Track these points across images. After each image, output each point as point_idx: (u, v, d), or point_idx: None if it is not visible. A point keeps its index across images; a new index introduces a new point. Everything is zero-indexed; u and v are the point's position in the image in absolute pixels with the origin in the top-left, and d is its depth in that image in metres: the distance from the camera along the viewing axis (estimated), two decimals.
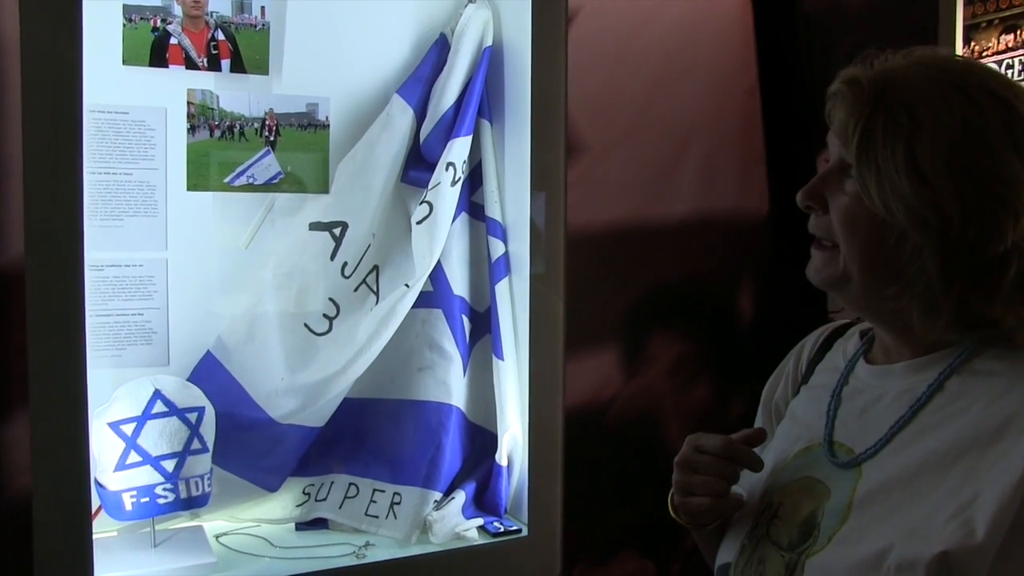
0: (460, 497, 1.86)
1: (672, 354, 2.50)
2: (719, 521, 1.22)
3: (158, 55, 1.74)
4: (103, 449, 1.65)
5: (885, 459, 1.06)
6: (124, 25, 1.70)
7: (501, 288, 1.90)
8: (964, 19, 2.14)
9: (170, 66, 1.75)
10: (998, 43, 2.07)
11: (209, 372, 1.84)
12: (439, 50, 1.91)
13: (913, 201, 0.99)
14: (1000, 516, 0.92)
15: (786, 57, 2.59)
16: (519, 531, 1.88)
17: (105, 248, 1.73)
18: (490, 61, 1.91)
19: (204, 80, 1.79)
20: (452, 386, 1.91)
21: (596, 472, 2.33)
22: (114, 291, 1.76)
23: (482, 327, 1.97)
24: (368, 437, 1.95)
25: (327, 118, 1.88)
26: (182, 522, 1.84)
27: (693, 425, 2.54)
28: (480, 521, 1.87)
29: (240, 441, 1.85)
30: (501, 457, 1.89)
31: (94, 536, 1.52)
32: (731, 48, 2.56)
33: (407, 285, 1.83)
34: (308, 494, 1.92)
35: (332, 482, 1.93)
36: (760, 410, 1.39)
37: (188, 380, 1.81)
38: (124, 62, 1.71)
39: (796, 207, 1.14)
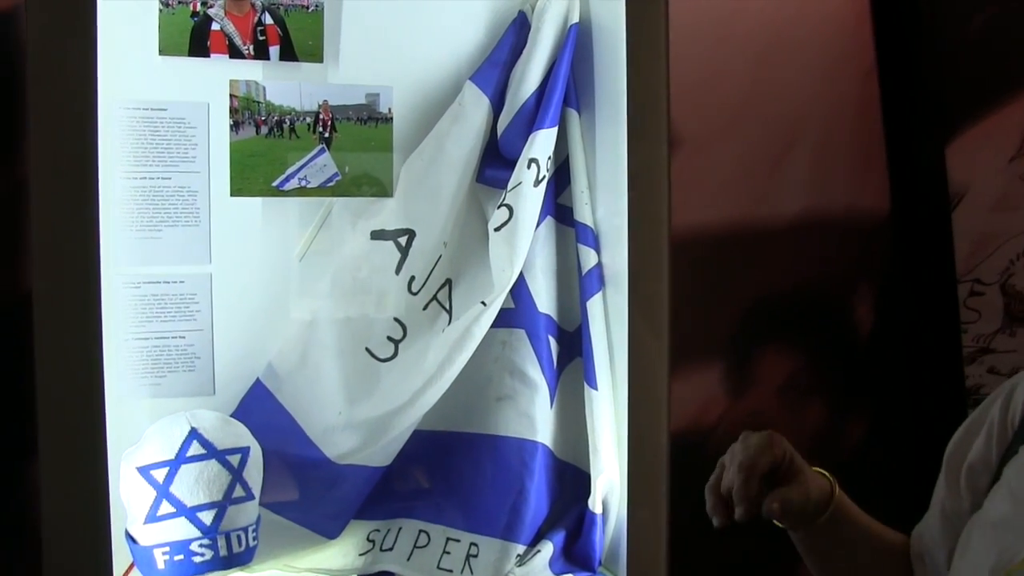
0: (547, 549, 1.68)
1: (782, 372, 2.42)
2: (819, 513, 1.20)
3: (198, 43, 1.62)
4: (133, 497, 1.47)
5: None
6: (160, 11, 1.58)
7: (593, 304, 1.71)
8: None
9: (212, 55, 1.63)
10: None
11: (259, 403, 1.69)
12: (518, 30, 1.75)
13: None
14: None
15: (908, 35, 2.44)
16: None
17: (141, 263, 1.61)
18: (577, 41, 1.73)
19: (250, 70, 1.67)
20: (537, 419, 1.73)
21: (699, 509, 2.17)
22: (152, 311, 1.63)
23: (572, 350, 1.79)
24: (440, 477, 1.80)
25: (390, 110, 1.74)
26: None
27: (806, 450, 2.42)
28: None
29: (293, 482, 1.70)
30: (595, 504, 1.71)
31: None
32: (845, 26, 2.45)
33: (483, 303, 1.66)
34: (373, 541, 1.76)
35: (400, 528, 1.76)
36: (944, 473, 1.14)
37: (235, 412, 1.66)
38: (161, 52, 1.60)
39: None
